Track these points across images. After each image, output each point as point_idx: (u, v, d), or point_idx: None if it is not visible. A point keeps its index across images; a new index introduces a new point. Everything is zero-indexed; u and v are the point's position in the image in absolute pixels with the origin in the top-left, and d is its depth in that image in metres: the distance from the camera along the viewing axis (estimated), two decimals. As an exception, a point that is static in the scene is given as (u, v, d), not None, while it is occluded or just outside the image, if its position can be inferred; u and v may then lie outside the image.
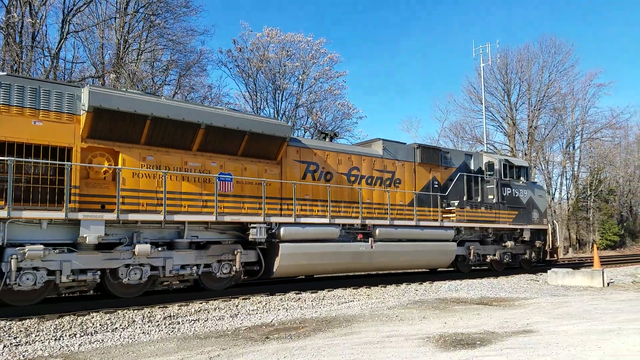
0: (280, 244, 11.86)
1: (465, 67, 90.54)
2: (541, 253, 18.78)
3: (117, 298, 10.14)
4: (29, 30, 22.33)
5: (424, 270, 17.13)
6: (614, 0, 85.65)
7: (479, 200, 16.87)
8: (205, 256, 11.14)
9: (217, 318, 8.92)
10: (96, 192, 10.00)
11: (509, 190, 17.72)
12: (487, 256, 16.98)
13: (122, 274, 9.96)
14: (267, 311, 9.67)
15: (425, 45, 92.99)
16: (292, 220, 12.27)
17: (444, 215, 15.56)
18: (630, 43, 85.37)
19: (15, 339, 7.16)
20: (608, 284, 14.22)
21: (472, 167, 17.32)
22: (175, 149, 10.97)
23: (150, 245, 10.10)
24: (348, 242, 13.32)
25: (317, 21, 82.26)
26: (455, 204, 15.94)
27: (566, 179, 49.25)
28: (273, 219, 11.99)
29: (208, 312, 9.39)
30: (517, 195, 18.01)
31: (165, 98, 11.56)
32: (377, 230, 13.83)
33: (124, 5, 25.93)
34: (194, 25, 32.55)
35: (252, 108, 31.85)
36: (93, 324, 8.12)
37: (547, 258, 18.89)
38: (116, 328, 7.99)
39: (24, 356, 6.44)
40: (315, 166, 13.43)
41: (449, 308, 10.07)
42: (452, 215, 15.75)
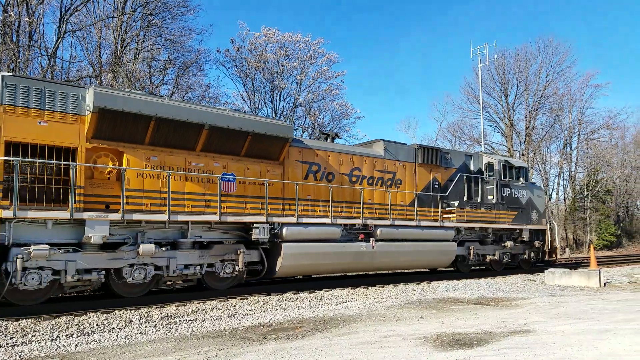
0: (282, 244, 11.93)
1: (463, 67, 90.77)
2: (540, 253, 18.91)
3: (120, 298, 10.18)
4: (26, 29, 22.17)
5: (423, 270, 17.17)
6: (610, 1, 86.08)
7: (478, 200, 16.97)
8: (208, 256, 11.21)
9: (215, 318, 8.90)
10: (100, 192, 10.03)
11: (508, 191, 17.83)
12: (487, 256, 17.08)
13: (126, 274, 10.02)
14: (264, 311, 9.65)
15: (423, 46, 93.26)
16: (294, 220, 12.34)
17: (444, 216, 15.65)
18: (627, 44, 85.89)
19: (11, 339, 7.14)
20: (605, 284, 14.28)
21: (472, 168, 17.42)
22: (179, 149, 11.02)
23: (154, 245, 10.17)
24: (350, 242, 13.39)
25: (315, 21, 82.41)
26: (456, 204, 16.04)
27: (563, 180, 49.56)
28: (276, 219, 12.05)
29: (205, 312, 9.35)
30: (516, 196, 18.13)
31: (169, 99, 11.59)
32: (379, 231, 13.91)
33: (121, 5, 25.80)
34: (192, 25, 32.36)
35: (250, 108, 31.72)
36: (90, 324, 8.09)
37: (546, 258, 19.01)
38: (113, 328, 7.97)
39: (20, 356, 6.42)
40: (317, 166, 13.50)
41: (446, 308, 10.07)
42: (453, 215, 15.84)
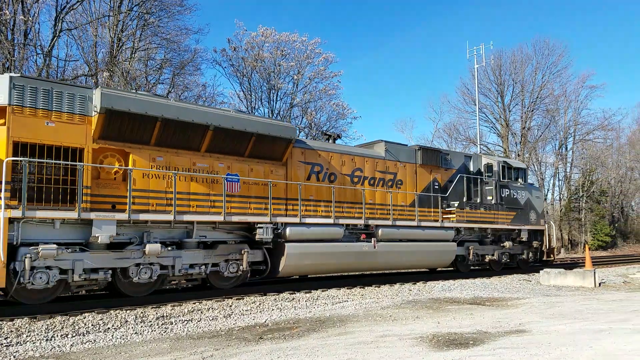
0: (286, 243, 12.05)
1: (460, 68, 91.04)
2: (538, 253, 19.10)
3: (126, 297, 10.28)
4: (21, 27, 22.12)
5: (419, 270, 17.18)
6: (605, 2, 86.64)
7: (478, 201, 17.12)
8: (213, 255, 11.30)
9: (211, 318, 8.87)
10: (107, 192, 10.11)
11: (507, 192, 18.01)
12: (486, 256, 17.22)
13: (132, 273, 10.11)
14: (260, 311, 9.64)
15: (419, 47, 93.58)
16: (297, 220, 12.46)
17: (444, 216, 15.79)
18: (622, 45, 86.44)
19: (6, 339, 7.09)
20: (600, 284, 14.33)
21: (471, 169, 17.57)
22: (184, 150, 11.11)
23: (160, 244, 10.26)
24: (352, 242, 13.51)
25: (311, 21, 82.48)
26: (455, 204, 16.18)
27: (559, 180, 49.87)
28: (279, 219, 12.17)
29: (201, 312, 9.33)
30: (515, 197, 18.31)
31: (174, 100, 11.68)
32: (380, 231, 14.04)
33: (117, 4, 25.78)
34: (188, 24, 32.18)
35: (247, 107, 31.65)
36: (85, 324, 8.04)
37: (544, 258, 19.19)
38: (108, 328, 7.93)
39: (15, 357, 6.38)
40: (319, 167, 13.61)
41: (442, 308, 10.08)
42: (452, 215, 15.99)
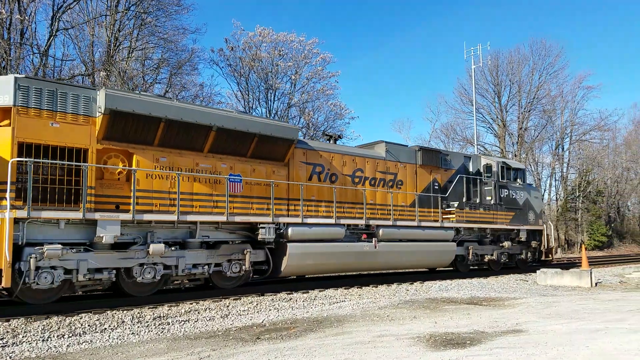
0: (288, 243, 12.12)
1: (457, 68, 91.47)
2: (537, 253, 19.24)
3: (130, 297, 10.32)
4: (18, 27, 22.07)
5: (417, 270, 17.20)
6: (602, 3, 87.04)
7: (477, 201, 17.24)
8: (216, 255, 11.37)
9: (208, 319, 8.85)
10: (111, 192, 10.15)
11: (506, 192, 18.13)
12: (485, 256, 17.34)
13: (136, 273, 10.17)
14: (258, 312, 9.62)
15: (417, 47, 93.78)
16: (299, 220, 12.53)
17: (444, 216, 15.90)
18: (618, 46, 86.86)
19: (2, 339, 7.07)
20: (596, 284, 14.38)
21: (470, 169, 17.69)
22: (187, 150, 11.16)
23: (164, 244, 10.32)
24: (353, 242, 13.60)
25: (311, 21, 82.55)
26: (455, 205, 16.29)
27: (555, 180, 50.09)
28: (281, 220, 12.24)
29: (198, 312, 9.31)
30: (513, 197, 18.44)
31: (178, 101, 11.75)
32: (381, 231, 14.13)
33: (114, 3, 25.74)
34: (186, 24, 32.27)
35: (244, 107, 31.62)
36: (82, 325, 8.00)
37: (543, 258, 19.33)
38: (105, 329, 7.92)
39: (10, 357, 6.35)
40: (321, 168, 13.69)
41: (439, 308, 10.09)
42: (452, 216, 16.10)
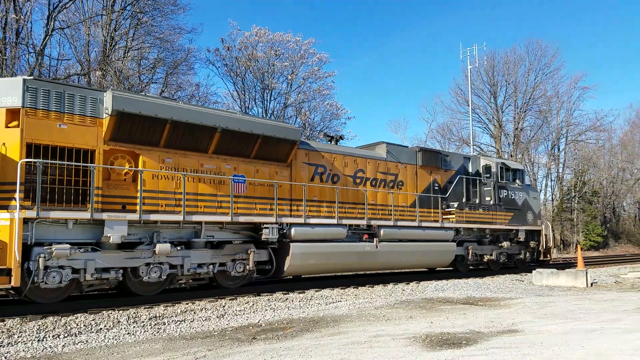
0: (291, 243, 12.26)
1: (453, 69, 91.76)
2: (535, 253, 19.43)
3: (136, 296, 10.44)
4: (13, 26, 22.14)
5: (417, 270, 17.29)
6: (598, 4, 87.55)
7: (477, 202, 17.41)
8: (220, 255, 11.50)
9: (204, 319, 8.84)
10: (117, 193, 10.27)
11: (505, 193, 18.32)
12: (485, 256, 17.52)
13: (142, 272, 10.30)
14: (254, 312, 9.61)
15: (413, 47, 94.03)
16: (302, 220, 12.66)
17: (444, 217, 16.06)
18: (614, 46, 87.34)
19: None
20: (591, 284, 14.42)
21: (470, 170, 17.86)
22: (192, 151, 11.28)
23: (170, 244, 10.44)
24: (354, 242, 13.76)
25: (308, 22, 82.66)
26: (455, 205, 16.45)
27: (551, 181, 50.39)
28: (284, 220, 12.37)
29: (194, 312, 9.32)
30: (512, 197, 18.63)
31: (183, 102, 11.88)
32: (382, 231, 14.29)
33: (110, 2, 25.81)
34: (182, 24, 32.18)
35: (240, 107, 31.67)
36: (77, 325, 7.99)
37: (541, 258, 19.51)
38: (101, 329, 7.90)
39: (6, 357, 6.33)
40: (323, 168, 13.83)
41: (435, 308, 10.12)
42: (452, 216, 16.27)
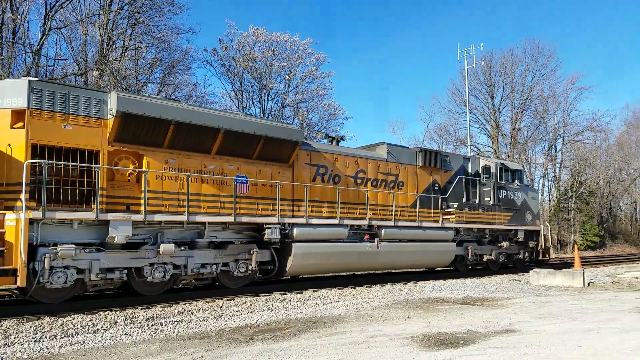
0: (293, 243, 12.35)
1: (450, 69, 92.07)
2: (534, 253, 19.56)
3: (140, 296, 10.51)
4: (10, 26, 22.09)
5: (416, 270, 17.33)
6: (594, 5, 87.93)
7: (476, 202, 17.51)
8: (223, 255, 11.57)
9: (201, 319, 8.83)
10: (121, 193, 10.33)
11: (504, 193, 18.44)
12: (484, 256, 17.62)
13: (146, 272, 10.36)
14: (251, 312, 9.61)
15: (410, 48, 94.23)
16: (304, 221, 12.75)
17: (444, 217, 16.16)
18: (610, 47, 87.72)
19: None
20: (588, 284, 14.45)
21: (469, 170, 17.97)
22: (195, 152, 11.35)
23: (173, 244, 10.51)
24: (356, 242, 13.85)
25: (304, 22, 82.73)
26: (455, 205, 16.56)
27: (548, 181, 50.56)
28: (286, 220, 12.46)
29: (192, 313, 9.30)
30: (511, 198, 18.75)
31: (187, 104, 11.96)
32: (383, 231, 14.38)
33: (108, 2, 25.78)
34: (179, 24, 32.10)
35: (238, 107, 31.60)
36: (74, 325, 7.98)
37: (540, 258, 19.65)
38: (98, 329, 7.88)
39: (2, 358, 6.29)
40: (324, 169, 13.92)
41: (432, 308, 10.13)
42: (452, 216, 16.37)
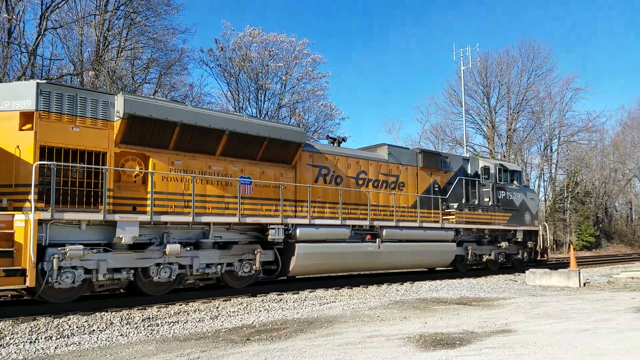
0: (296, 244, 12.47)
1: (446, 70, 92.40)
2: (532, 253, 19.74)
3: (147, 296, 10.62)
4: (5, 26, 22.11)
5: (414, 270, 17.44)
6: (590, 5, 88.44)
7: (476, 202, 17.69)
8: (228, 255, 11.71)
9: (197, 320, 8.82)
10: (128, 194, 10.45)
11: (503, 194, 18.64)
12: (484, 256, 17.79)
13: (153, 273, 10.49)
14: (248, 313, 9.60)
15: (406, 48, 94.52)
16: (307, 221, 12.90)
17: (444, 217, 16.31)
18: (606, 48, 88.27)
19: None
20: (584, 284, 14.53)
21: (469, 171, 18.14)
22: (200, 153, 11.49)
23: (179, 245, 10.64)
24: (358, 243, 14.01)
25: (300, 22, 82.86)
26: (455, 206, 16.73)
27: (544, 181, 50.87)
28: (290, 221, 12.60)
29: (188, 313, 9.30)
30: (510, 198, 18.94)
31: (192, 106, 12.10)
32: (384, 232, 14.53)
33: (104, 2, 25.79)
34: (175, 24, 31.92)
35: (234, 108, 31.75)
36: (70, 326, 7.94)
37: (538, 258, 19.84)
38: (93, 330, 7.85)
39: None
40: (326, 170, 14.06)
41: (429, 308, 10.15)
42: (452, 217, 16.54)
